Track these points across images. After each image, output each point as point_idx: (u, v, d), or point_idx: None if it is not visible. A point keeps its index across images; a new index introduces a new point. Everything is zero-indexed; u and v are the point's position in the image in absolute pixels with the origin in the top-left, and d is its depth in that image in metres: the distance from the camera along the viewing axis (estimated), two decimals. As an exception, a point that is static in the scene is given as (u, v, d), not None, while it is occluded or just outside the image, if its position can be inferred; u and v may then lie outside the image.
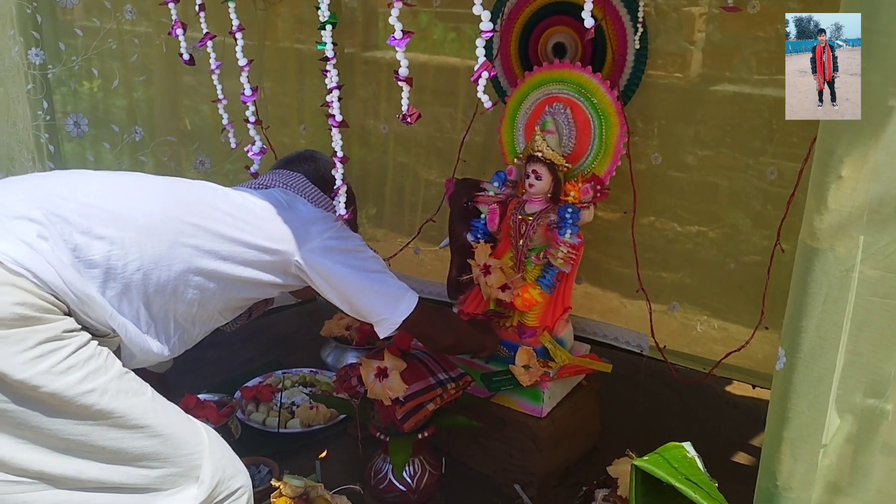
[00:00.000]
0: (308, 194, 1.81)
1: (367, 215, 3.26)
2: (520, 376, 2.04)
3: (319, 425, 2.37)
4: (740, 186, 2.25)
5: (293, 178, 1.84)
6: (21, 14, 2.02)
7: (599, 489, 1.90)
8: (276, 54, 2.70)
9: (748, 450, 2.33)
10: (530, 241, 2.18)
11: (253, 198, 1.71)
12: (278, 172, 1.88)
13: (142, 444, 1.39)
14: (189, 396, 2.26)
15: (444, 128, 2.90)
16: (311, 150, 2.00)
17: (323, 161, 1.93)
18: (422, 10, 2.83)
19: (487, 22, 1.34)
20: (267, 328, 3.10)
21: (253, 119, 1.95)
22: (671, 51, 2.27)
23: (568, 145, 2.21)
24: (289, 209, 1.72)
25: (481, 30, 1.35)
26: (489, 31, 1.33)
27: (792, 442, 1.07)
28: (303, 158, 1.95)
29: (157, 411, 1.44)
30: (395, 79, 1.55)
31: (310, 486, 1.79)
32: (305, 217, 1.73)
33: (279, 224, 1.66)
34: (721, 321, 2.40)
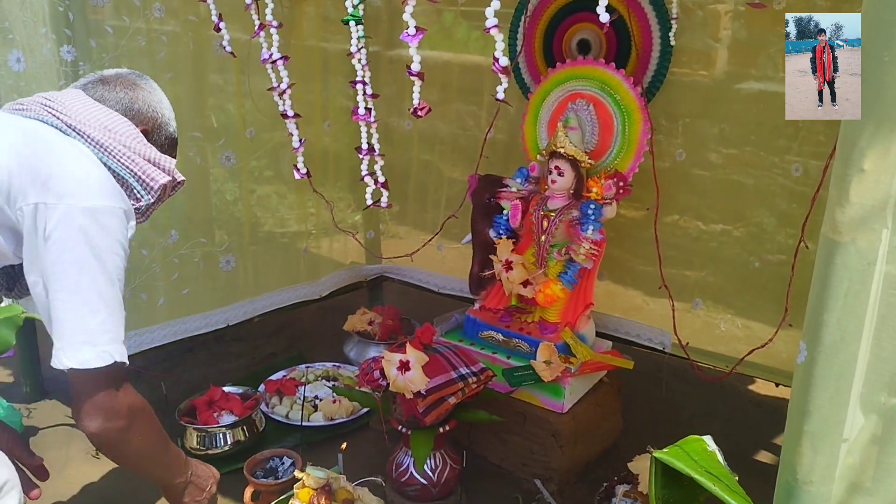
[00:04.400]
0: (124, 157, 1.42)
1: (389, 212, 3.28)
2: (541, 372, 2.05)
3: (342, 419, 2.40)
4: (765, 184, 2.24)
5: (95, 112, 1.44)
6: (53, 12, 2.06)
7: (620, 485, 1.91)
8: (302, 52, 2.73)
9: (771, 448, 2.32)
10: (552, 238, 2.19)
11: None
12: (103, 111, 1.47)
13: None
14: (214, 389, 2.30)
15: (467, 125, 2.91)
16: (137, 75, 1.60)
17: (146, 93, 1.57)
18: (446, 8, 2.84)
19: (493, 18, 1.39)
20: (290, 323, 3.13)
21: (291, 113, 1.98)
22: (696, 48, 2.26)
23: (591, 142, 2.21)
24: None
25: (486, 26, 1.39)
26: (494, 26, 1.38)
27: (812, 435, 1.07)
28: (126, 83, 1.55)
29: None
30: (407, 74, 1.58)
31: (332, 477, 1.81)
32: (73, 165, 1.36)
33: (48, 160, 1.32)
34: (745, 319, 2.38)
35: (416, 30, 1.52)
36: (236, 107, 2.62)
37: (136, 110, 1.52)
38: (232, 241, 2.70)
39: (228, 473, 2.08)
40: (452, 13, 2.86)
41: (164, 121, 1.58)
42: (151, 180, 1.44)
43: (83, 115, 1.42)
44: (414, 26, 1.52)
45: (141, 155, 1.45)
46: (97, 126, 1.41)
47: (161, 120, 1.57)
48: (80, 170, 1.35)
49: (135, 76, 1.58)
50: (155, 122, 1.55)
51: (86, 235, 1.30)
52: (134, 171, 1.42)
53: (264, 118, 2.61)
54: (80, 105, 1.44)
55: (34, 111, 1.41)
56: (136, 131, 1.48)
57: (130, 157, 1.42)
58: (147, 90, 1.57)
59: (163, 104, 1.59)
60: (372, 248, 3.22)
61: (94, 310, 1.31)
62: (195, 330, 2.59)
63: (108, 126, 1.43)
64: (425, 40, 2.92)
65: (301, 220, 2.96)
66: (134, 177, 1.43)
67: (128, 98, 1.52)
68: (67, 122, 1.40)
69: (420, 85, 1.62)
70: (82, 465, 2.23)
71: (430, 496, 2.02)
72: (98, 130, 1.41)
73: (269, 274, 2.85)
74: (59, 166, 1.33)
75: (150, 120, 1.54)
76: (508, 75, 1.49)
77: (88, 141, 1.39)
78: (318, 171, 2.76)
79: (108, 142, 1.40)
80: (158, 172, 1.46)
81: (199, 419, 2.22)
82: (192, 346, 2.58)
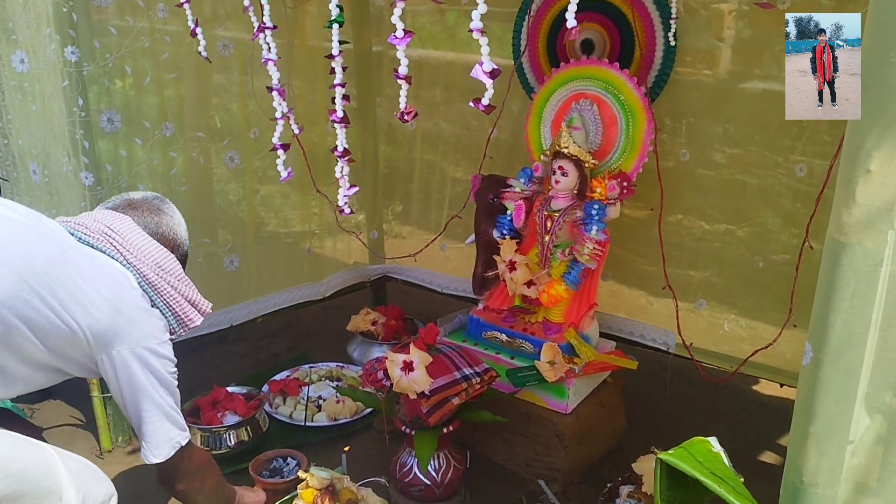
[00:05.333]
0: (161, 290, 1.61)
1: (393, 212, 3.28)
2: (545, 372, 2.05)
3: (346, 419, 2.40)
4: (769, 184, 2.23)
5: (149, 247, 1.62)
6: (57, 12, 2.05)
7: (624, 486, 1.91)
8: (305, 53, 2.73)
9: (775, 449, 2.32)
10: (556, 238, 2.19)
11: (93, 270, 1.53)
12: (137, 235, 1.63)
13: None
14: (218, 389, 2.30)
15: (470, 125, 2.91)
16: (160, 199, 1.76)
17: (168, 217, 1.73)
18: (449, 8, 2.84)
19: (478, 21, 1.37)
20: (294, 323, 3.13)
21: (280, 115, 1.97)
22: (700, 48, 2.26)
23: (595, 142, 2.21)
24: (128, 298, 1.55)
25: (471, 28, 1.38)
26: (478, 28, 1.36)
27: (818, 437, 1.07)
28: (151, 209, 1.72)
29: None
30: (395, 77, 1.58)
31: (336, 478, 1.81)
32: (138, 314, 1.56)
33: (106, 313, 1.50)
34: (749, 320, 2.38)
35: (405, 33, 1.51)
36: (240, 107, 2.62)
37: (161, 234, 1.68)
38: (236, 242, 2.70)
39: (232, 473, 2.08)
40: (456, 13, 2.86)
41: (181, 242, 1.75)
42: (189, 321, 1.64)
43: (140, 251, 1.59)
44: (402, 29, 1.51)
45: (184, 296, 1.64)
46: (151, 263, 1.59)
47: (179, 241, 1.73)
48: (145, 320, 1.56)
49: (158, 201, 1.74)
50: (174, 244, 1.71)
51: (154, 369, 1.56)
52: (176, 311, 1.62)
53: (268, 118, 2.60)
54: (136, 238, 1.61)
55: (98, 241, 1.55)
56: (180, 269, 1.67)
57: (175, 298, 1.61)
58: (169, 214, 1.73)
59: (181, 227, 1.76)
60: (375, 248, 3.22)
61: (166, 414, 1.59)
62: (199, 330, 2.57)
63: (161, 264, 1.61)
64: (428, 40, 2.94)
65: (304, 220, 2.96)
66: (175, 317, 1.62)
67: (154, 223, 1.69)
68: (127, 258, 1.56)
69: (407, 88, 1.61)
70: (86, 465, 2.23)
71: (433, 496, 2.02)
72: (152, 269, 1.59)
73: (272, 274, 2.84)
74: (132, 319, 1.53)
75: (170, 242, 1.70)
76: (493, 79, 1.46)
77: (142, 279, 1.57)
78: (321, 171, 2.75)
79: (158, 282, 1.59)
80: (195, 314, 1.66)
81: (202, 419, 2.22)
82: (195, 346, 2.57)
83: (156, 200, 1.75)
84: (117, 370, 1.54)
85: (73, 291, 1.45)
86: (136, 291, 1.56)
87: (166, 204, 1.76)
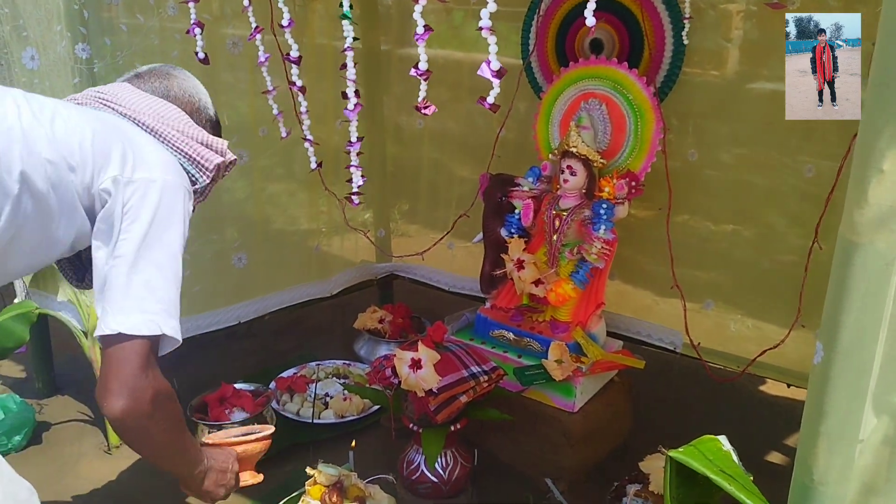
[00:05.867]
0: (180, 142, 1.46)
1: (399, 211, 3.29)
2: (552, 371, 2.05)
3: (353, 416, 2.41)
4: (776, 185, 2.23)
5: (149, 103, 1.49)
6: (68, 9, 2.06)
7: (631, 484, 1.91)
8: (314, 51, 2.73)
9: (782, 449, 2.32)
10: (564, 237, 2.19)
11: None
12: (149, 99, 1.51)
13: None
14: (225, 386, 2.31)
15: (477, 124, 2.91)
16: (170, 66, 1.64)
17: (180, 80, 1.60)
18: (455, 7, 2.84)
19: (487, 20, 1.38)
20: (301, 320, 3.14)
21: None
22: (708, 48, 2.26)
23: (603, 141, 2.21)
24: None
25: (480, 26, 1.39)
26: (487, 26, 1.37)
27: (828, 436, 1.07)
28: (160, 74, 1.59)
29: None
30: (413, 73, 1.58)
31: (343, 474, 1.82)
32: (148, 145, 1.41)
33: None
34: (755, 320, 2.38)
35: (425, 29, 1.52)
36: (248, 105, 2.62)
37: (173, 97, 1.55)
38: (244, 239, 2.71)
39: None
40: (461, 12, 2.86)
41: (202, 105, 1.60)
42: (206, 161, 1.47)
43: (136, 105, 1.45)
44: (423, 25, 1.52)
45: (194, 138, 1.48)
46: (150, 114, 1.45)
47: (198, 104, 1.59)
48: (149, 148, 1.39)
49: (168, 67, 1.61)
50: (192, 107, 1.57)
51: (156, 209, 1.32)
52: (189, 153, 1.46)
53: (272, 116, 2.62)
54: (130, 95, 1.47)
55: (90, 105, 1.44)
56: (185, 116, 1.51)
57: (185, 142, 1.45)
58: (181, 78, 1.60)
59: (198, 89, 1.61)
60: (382, 246, 3.23)
61: (151, 280, 1.30)
62: (207, 327, 2.60)
63: (160, 114, 1.47)
64: (435, 39, 2.93)
65: (312, 218, 2.97)
66: (189, 160, 1.46)
67: (163, 87, 1.55)
68: (123, 112, 1.43)
69: (426, 84, 1.62)
70: (94, 460, 2.25)
71: (440, 494, 2.03)
72: (151, 118, 1.44)
73: (280, 271, 2.86)
74: (131, 145, 1.36)
75: (187, 104, 1.56)
76: (499, 78, 1.46)
77: (145, 128, 1.43)
78: (329, 169, 2.76)
79: (162, 128, 1.44)
80: (212, 154, 1.49)
81: (210, 416, 2.23)
82: (203, 342, 2.59)
83: (165, 67, 1.61)
84: (114, 201, 1.30)
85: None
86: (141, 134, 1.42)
87: (178, 70, 1.62)
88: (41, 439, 2.35)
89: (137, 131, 1.42)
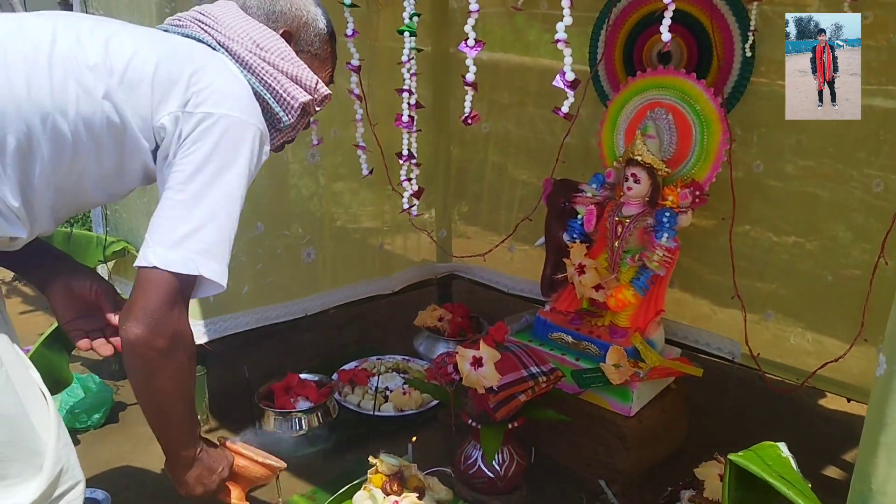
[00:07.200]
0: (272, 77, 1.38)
1: (459, 212, 3.35)
2: (610, 375, 2.08)
3: (412, 410, 2.47)
4: (842, 198, 2.22)
5: (245, 26, 1.40)
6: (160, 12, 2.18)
7: (685, 490, 1.93)
8: (384, 54, 2.80)
9: (839, 463, 2.30)
10: (626, 243, 2.22)
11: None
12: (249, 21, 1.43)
13: None
14: (291, 375, 2.40)
15: (539, 129, 2.94)
16: None
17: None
18: (526, 11, 2.87)
19: (562, 33, 1.42)
20: (363, 315, 3.22)
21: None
22: (776, 58, 2.25)
23: (668, 150, 2.24)
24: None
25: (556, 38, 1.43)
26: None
27: (889, 447, 1.09)
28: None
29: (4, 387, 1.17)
30: (464, 84, 1.63)
31: (404, 465, 1.88)
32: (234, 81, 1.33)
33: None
34: (815, 333, 2.36)
35: (476, 42, 1.57)
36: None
37: (279, 11, 1.46)
38: (313, 235, 2.80)
39: (302, 456, 2.17)
40: (523, 16, 2.88)
41: (311, 18, 1.49)
42: (292, 98, 1.38)
43: (234, 31, 1.38)
44: (474, 38, 1.57)
45: (284, 73, 1.38)
46: (247, 42, 1.37)
47: (306, 17, 1.49)
48: (220, 82, 1.29)
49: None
50: (299, 21, 1.47)
51: (216, 145, 1.24)
52: (274, 88, 1.37)
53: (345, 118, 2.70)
54: (231, 19, 1.40)
55: (189, 28, 1.38)
56: (283, 45, 1.41)
57: (272, 75, 1.37)
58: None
59: (307, 1, 1.50)
60: (443, 246, 3.29)
61: (199, 217, 1.23)
62: (275, 318, 2.70)
63: (258, 42, 1.38)
64: (497, 43, 2.97)
65: (376, 216, 3.05)
66: (274, 94, 1.37)
67: (267, 3, 1.46)
68: (218, 39, 1.36)
69: (472, 94, 1.66)
70: (167, 440, 2.35)
71: (496, 489, 2.07)
72: (245, 48, 1.36)
73: (346, 267, 2.95)
74: (200, 78, 1.27)
75: (294, 19, 1.46)
76: (573, 90, 1.50)
77: (234, 58, 1.35)
78: (396, 169, 2.83)
79: (252, 59, 1.36)
80: (298, 90, 1.39)
81: (276, 403, 2.32)
82: (269, 332, 2.68)
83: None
84: (175, 134, 1.24)
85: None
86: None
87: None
88: (118, 418, 2.47)
89: (217, 62, 1.33)
